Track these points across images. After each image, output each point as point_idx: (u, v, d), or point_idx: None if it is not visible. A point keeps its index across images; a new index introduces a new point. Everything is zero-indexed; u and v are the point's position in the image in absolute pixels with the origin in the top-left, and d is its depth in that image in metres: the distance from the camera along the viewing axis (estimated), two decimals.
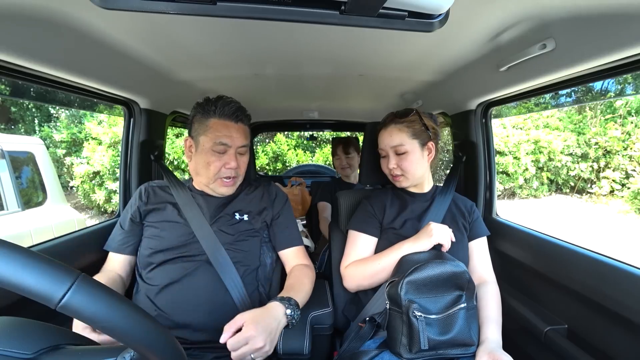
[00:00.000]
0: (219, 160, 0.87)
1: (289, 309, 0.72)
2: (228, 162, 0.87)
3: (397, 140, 0.94)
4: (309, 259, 1.01)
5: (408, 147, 0.93)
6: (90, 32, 0.77)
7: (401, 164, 0.94)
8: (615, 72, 0.74)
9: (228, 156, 0.87)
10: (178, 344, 0.39)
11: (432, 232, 0.84)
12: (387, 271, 0.87)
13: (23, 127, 6.23)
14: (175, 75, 1.17)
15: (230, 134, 0.86)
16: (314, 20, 0.45)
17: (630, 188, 5.78)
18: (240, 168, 0.91)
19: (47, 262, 0.32)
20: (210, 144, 0.86)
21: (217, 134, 0.85)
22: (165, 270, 0.84)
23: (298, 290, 0.83)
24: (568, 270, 0.89)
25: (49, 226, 2.33)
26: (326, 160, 6.41)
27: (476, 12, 0.72)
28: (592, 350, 0.80)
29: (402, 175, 0.96)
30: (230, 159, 0.87)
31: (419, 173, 0.97)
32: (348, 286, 0.96)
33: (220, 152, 0.87)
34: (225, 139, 0.86)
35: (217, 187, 0.90)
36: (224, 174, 0.88)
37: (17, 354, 0.37)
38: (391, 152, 0.96)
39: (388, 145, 0.96)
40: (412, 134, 0.94)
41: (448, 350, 0.72)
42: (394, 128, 0.95)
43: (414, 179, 0.97)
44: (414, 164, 0.94)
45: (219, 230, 0.89)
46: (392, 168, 0.96)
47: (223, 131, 0.86)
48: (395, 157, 0.95)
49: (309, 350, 0.85)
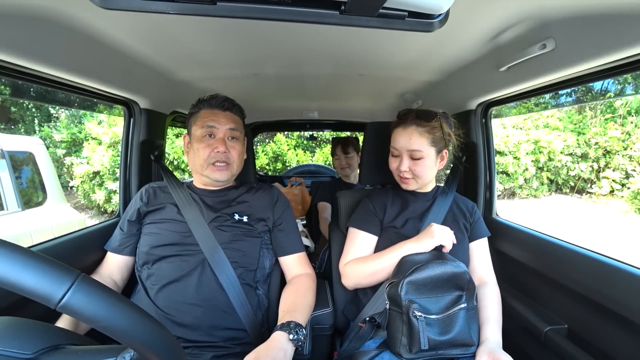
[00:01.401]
0: (208, 146, 0.90)
1: (291, 334, 0.71)
2: (217, 147, 0.89)
3: (415, 145, 0.89)
4: (310, 266, 1.00)
5: (425, 154, 0.89)
6: (90, 32, 0.77)
7: (414, 168, 0.91)
8: (615, 72, 0.74)
9: (216, 141, 0.90)
10: (178, 344, 0.39)
11: (434, 233, 0.84)
12: (387, 271, 0.87)
13: (23, 127, 6.23)
14: (175, 75, 1.17)
15: (216, 119, 0.91)
16: (314, 20, 0.45)
17: (630, 188, 5.78)
18: (231, 154, 0.92)
19: (47, 262, 0.32)
20: (199, 131, 0.91)
21: (205, 119, 0.91)
22: (164, 269, 0.84)
23: (299, 305, 0.83)
24: (568, 270, 0.89)
25: (49, 226, 2.33)
26: (326, 160, 6.41)
27: (476, 12, 0.72)
28: (592, 350, 0.80)
29: (412, 178, 0.94)
30: (218, 143, 0.90)
31: (429, 178, 0.96)
32: (346, 284, 0.96)
33: (209, 137, 0.91)
34: (211, 122, 0.90)
35: (211, 174, 0.92)
36: (213, 158, 0.90)
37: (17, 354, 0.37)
38: (406, 154, 0.91)
39: (405, 147, 0.91)
40: (432, 141, 0.89)
41: (448, 351, 0.72)
42: (414, 131, 0.89)
43: (422, 183, 0.96)
44: (427, 169, 0.92)
45: (217, 228, 0.89)
46: (403, 171, 0.93)
47: (210, 117, 0.91)
48: (409, 160, 0.91)
49: (309, 350, 0.85)
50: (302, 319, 0.78)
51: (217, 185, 0.97)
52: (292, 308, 0.82)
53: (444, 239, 0.83)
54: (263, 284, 0.95)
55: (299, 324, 0.74)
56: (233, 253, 0.88)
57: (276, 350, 0.67)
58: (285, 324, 0.74)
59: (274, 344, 0.69)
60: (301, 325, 0.75)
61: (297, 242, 0.99)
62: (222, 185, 0.98)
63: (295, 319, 0.76)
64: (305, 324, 0.78)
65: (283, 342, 0.70)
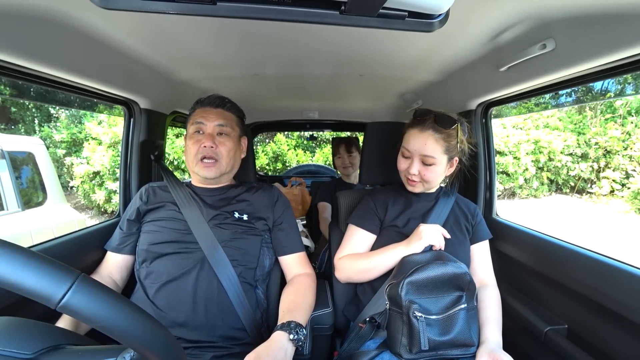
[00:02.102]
0: (196, 142, 0.91)
1: (291, 334, 0.71)
2: (204, 142, 0.90)
3: (429, 151, 0.87)
4: (310, 266, 1.00)
5: (437, 160, 0.88)
6: (90, 32, 0.77)
7: (424, 173, 0.90)
8: (615, 72, 0.74)
9: (204, 136, 0.91)
10: (178, 344, 0.39)
11: (421, 234, 0.84)
12: (379, 269, 0.88)
13: (23, 127, 6.23)
14: (175, 75, 1.17)
15: (206, 115, 0.93)
16: (314, 20, 0.45)
17: (630, 188, 5.78)
18: (219, 149, 0.91)
19: (47, 262, 0.32)
20: (191, 129, 0.93)
21: (196, 117, 0.93)
22: (163, 266, 0.84)
23: (299, 305, 0.83)
24: (568, 270, 0.89)
25: (49, 226, 2.33)
26: (326, 160, 6.40)
27: (476, 12, 0.72)
28: (592, 350, 0.80)
29: (420, 182, 0.93)
30: (205, 139, 0.90)
31: (436, 183, 0.96)
32: (339, 277, 0.99)
33: (199, 133, 0.92)
34: (200, 119, 0.92)
35: (200, 171, 0.92)
36: (200, 153, 0.91)
37: (17, 354, 0.37)
38: (417, 158, 0.90)
39: (418, 151, 0.89)
40: (446, 149, 0.88)
41: (448, 351, 0.72)
42: (431, 136, 0.87)
43: (429, 188, 0.97)
44: (436, 175, 0.91)
45: (217, 226, 0.89)
46: (412, 174, 0.91)
47: (200, 114, 0.93)
48: (420, 164, 0.90)
49: (309, 350, 0.85)
50: (303, 319, 0.78)
51: (209, 183, 0.98)
52: (292, 308, 0.82)
53: (433, 238, 0.84)
54: (262, 283, 0.95)
55: (299, 324, 0.74)
56: (233, 251, 0.88)
57: (277, 350, 0.67)
58: (285, 324, 0.74)
59: (275, 344, 0.69)
60: (301, 325, 0.75)
61: (297, 241, 1.00)
62: (215, 183, 0.98)
63: (296, 319, 0.76)
64: (305, 323, 0.78)
65: (283, 342, 0.70)
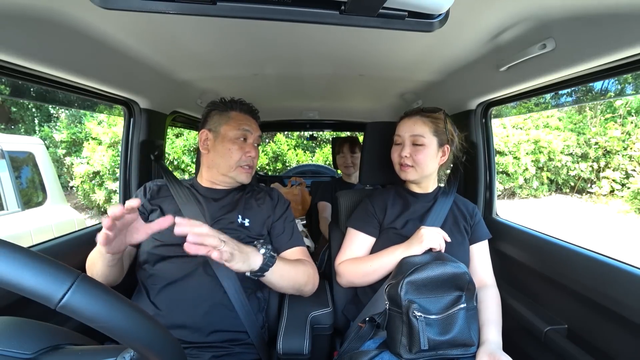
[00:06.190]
0: (240, 148, 0.93)
1: (262, 248, 0.74)
2: (249, 151, 0.94)
3: (418, 130, 0.93)
4: (312, 260, 1.00)
5: (427, 141, 0.92)
6: (90, 32, 0.77)
7: (415, 155, 0.93)
8: (615, 72, 0.74)
9: (248, 145, 0.95)
10: (178, 344, 0.39)
11: (422, 237, 0.85)
12: (379, 272, 0.89)
13: (23, 127, 6.23)
14: (175, 75, 1.17)
15: (250, 125, 0.96)
16: (314, 20, 0.45)
17: (630, 188, 5.78)
18: (255, 159, 0.98)
19: (47, 262, 0.32)
20: (233, 132, 0.93)
21: (240, 122, 0.95)
22: (165, 269, 0.84)
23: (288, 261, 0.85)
24: (568, 270, 0.89)
25: (49, 226, 2.33)
26: (326, 160, 6.40)
27: (476, 12, 0.72)
28: (592, 350, 0.80)
29: (412, 166, 0.95)
30: (250, 148, 0.95)
31: (429, 170, 0.96)
32: (340, 282, 0.99)
33: (242, 141, 0.94)
34: (247, 127, 0.95)
35: (238, 175, 0.95)
36: (244, 162, 0.94)
37: (17, 354, 0.37)
38: (408, 140, 0.95)
39: (408, 132, 0.94)
40: (435, 130, 0.93)
41: (448, 351, 0.72)
42: (418, 119, 0.94)
43: (422, 174, 0.96)
44: (427, 158, 0.93)
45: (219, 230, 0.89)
46: (404, 156, 0.94)
47: (245, 121, 0.96)
48: (411, 146, 0.94)
49: (309, 350, 0.85)
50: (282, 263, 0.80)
51: (228, 185, 0.99)
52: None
53: (433, 241, 0.84)
54: (263, 287, 0.95)
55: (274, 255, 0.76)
56: None
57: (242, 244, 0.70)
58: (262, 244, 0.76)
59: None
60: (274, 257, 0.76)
61: (297, 238, 1.00)
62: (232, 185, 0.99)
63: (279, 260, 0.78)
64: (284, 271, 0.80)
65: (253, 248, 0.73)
